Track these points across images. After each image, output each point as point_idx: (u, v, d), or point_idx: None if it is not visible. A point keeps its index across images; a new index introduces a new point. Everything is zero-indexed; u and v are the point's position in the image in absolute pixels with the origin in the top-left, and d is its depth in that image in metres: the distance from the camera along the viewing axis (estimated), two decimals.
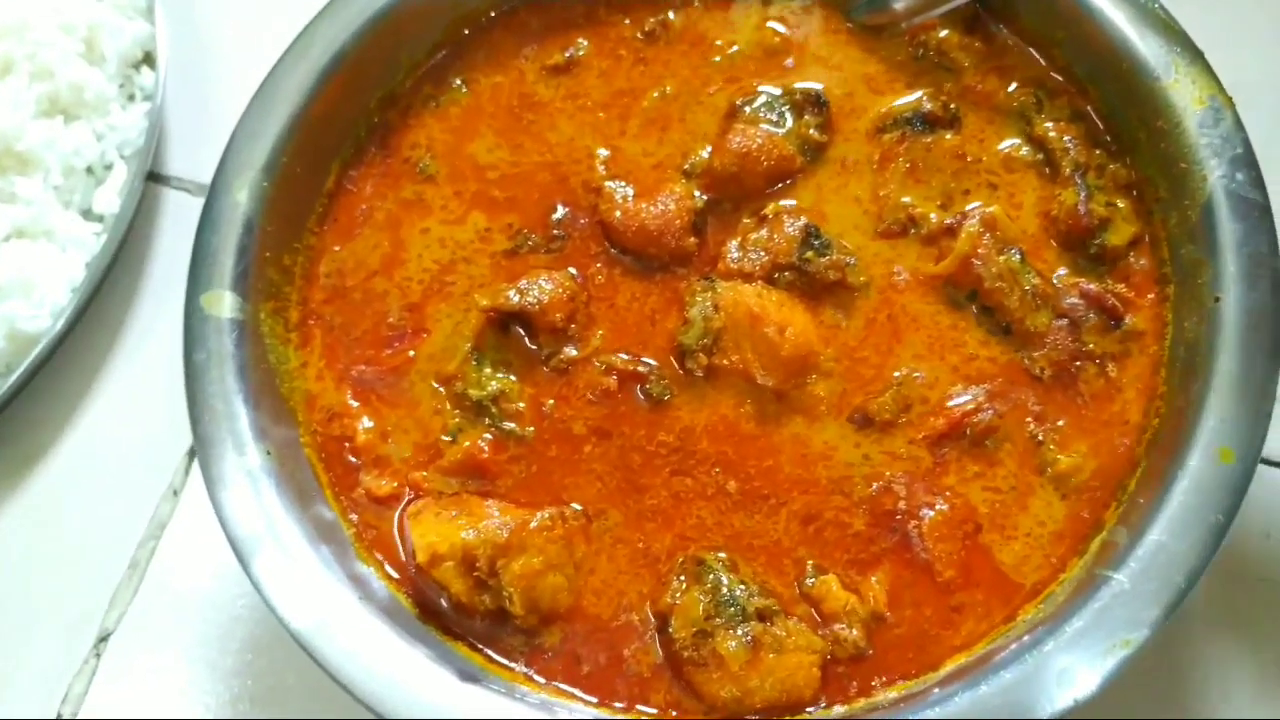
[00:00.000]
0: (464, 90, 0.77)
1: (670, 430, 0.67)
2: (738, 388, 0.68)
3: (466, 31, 0.78)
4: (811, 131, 0.72)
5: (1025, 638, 0.59)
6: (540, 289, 0.69)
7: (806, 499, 0.66)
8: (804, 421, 0.67)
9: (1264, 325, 0.61)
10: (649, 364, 0.69)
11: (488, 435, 0.68)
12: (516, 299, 0.69)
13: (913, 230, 0.70)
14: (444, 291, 0.72)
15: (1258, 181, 0.64)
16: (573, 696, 0.63)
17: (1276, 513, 0.73)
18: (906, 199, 0.70)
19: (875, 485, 0.65)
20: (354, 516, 0.68)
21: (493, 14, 0.78)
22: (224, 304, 0.68)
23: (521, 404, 0.69)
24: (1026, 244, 0.68)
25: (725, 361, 0.67)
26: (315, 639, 0.61)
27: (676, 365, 0.68)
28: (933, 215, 0.69)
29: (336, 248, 0.74)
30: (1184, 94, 0.66)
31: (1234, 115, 0.65)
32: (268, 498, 0.65)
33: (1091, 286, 0.67)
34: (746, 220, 0.71)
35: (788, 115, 0.73)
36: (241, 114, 0.72)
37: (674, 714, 0.62)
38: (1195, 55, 0.67)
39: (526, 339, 0.70)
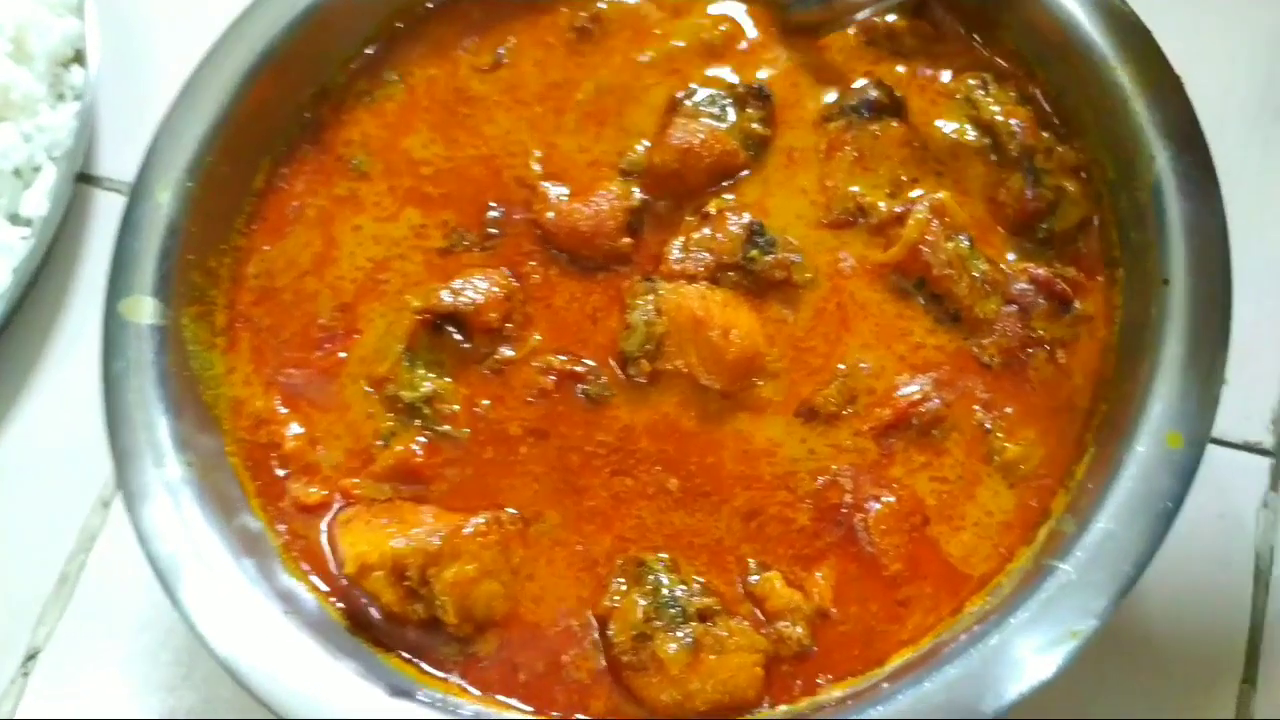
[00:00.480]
0: (399, 84, 0.75)
1: (609, 430, 0.65)
2: (681, 390, 0.66)
3: (401, 24, 0.76)
4: (755, 125, 0.70)
5: (973, 630, 0.58)
6: (475, 289, 0.67)
7: (749, 495, 0.64)
8: (748, 418, 0.65)
9: (1212, 307, 0.59)
10: (588, 364, 0.67)
11: (421, 439, 0.66)
12: (450, 299, 0.67)
13: (861, 220, 0.68)
14: (377, 290, 0.70)
15: (1206, 162, 0.62)
16: (509, 706, 0.61)
17: (1230, 494, 0.72)
18: (855, 188, 0.68)
19: (821, 479, 0.63)
20: (281, 527, 0.65)
21: (430, 5, 0.76)
22: (144, 310, 0.66)
23: (456, 406, 0.66)
24: (975, 230, 0.66)
25: (669, 366, 0.65)
26: (238, 658, 0.58)
27: (619, 370, 0.66)
28: (881, 204, 0.68)
29: (266, 247, 0.71)
30: (1131, 75, 0.64)
31: (1182, 93, 0.64)
32: (189, 511, 0.62)
33: (1040, 271, 0.65)
34: (689, 218, 0.69)
35: (730, 109, 0.71)
36: (165, 112, 0.70)
37: None
38: (1143, 35, 0.66)
39: (461, 340, 0.67)
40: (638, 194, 0.69)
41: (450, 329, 0.67)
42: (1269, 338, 0.76)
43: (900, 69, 0.72)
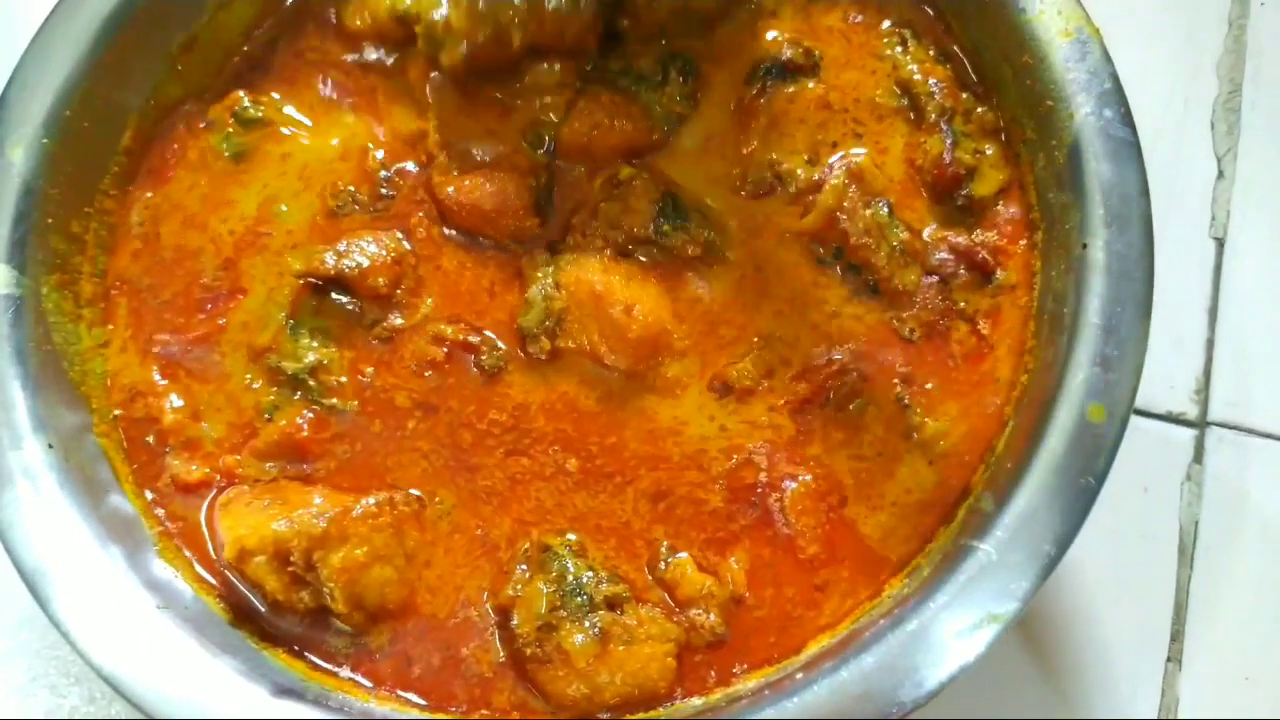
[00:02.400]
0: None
1: (503, 408, 0.61)
2: (582, 368, 0.62)
3: None
4: (676, 100, 0.66)
5: (892, 613, 0.55)
6: (361, 251, 0.62)
7: (656, 475, 0.60)
8: (654, 398, 0.61)
9: (1134, 272, 0.56)
10: (483, 335, 0.62)
11: (307, 413, 0.62)
12: (333, 262, 0.62)
13: (779, 189, 0.64)
14: (258, 244, 0.65)
15: (1127, 118, 0.59)
16: (405, 702, 0.57)
17: (1154, 467, 0.71)
18: (773, 155, 0.64)
19: (734, 458, 0.60)
20: (159, 511, 0.61)
21: None
22: None
23: (343, 377, 0.62)
24: (894, 195, 0.63)
25: (570, 344, 0.61)
26: (107, 657, 0.54)
27: (519, 350, 0.62)
28: (800, 171, 0.64)
29: (149, 194, 0.66)
30: (1050, 26, 0.61)
31: (1101, 48, 0.61)
32: (51, 497, 0.58)
33: (961, 240, 0.62)
34: (598, 185, 0.64)
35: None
36: (16, 64, 0.63)
37: (517, 716, 0.57)
38: None
39: (348, 304, 0.63)
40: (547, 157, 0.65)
41: (335, 295, 0.63)
42: (1194, 304, 0.74)
43: (830, 23, 0.67)
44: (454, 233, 0.65)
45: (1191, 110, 0.78)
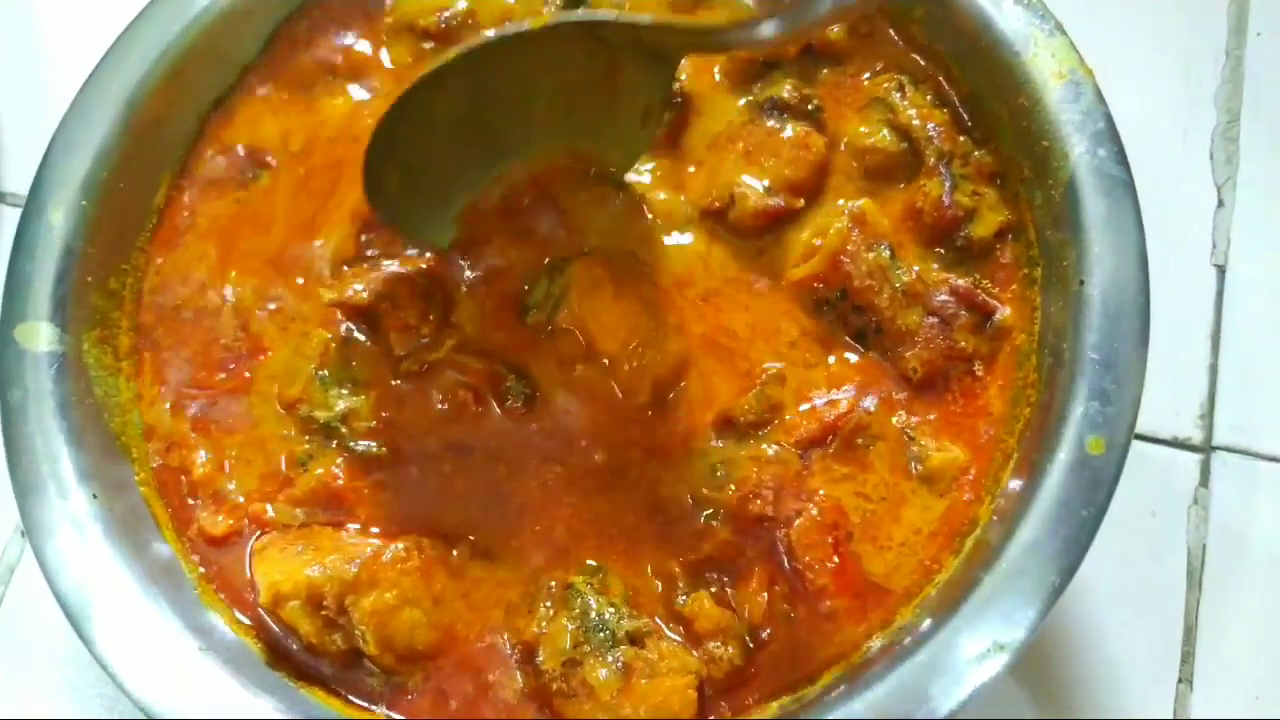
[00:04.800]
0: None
1: (534, 428, 0.64)
2: (603, 392, 0.64)
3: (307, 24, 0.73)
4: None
5: (903, 643, 0.57)
6: (391, 281, 0.64)
7: (668, 501, 0.62)
8: (666, 427, 0.64)
9: (1130, 308, 0.58)
10: (506, 368, 0.64)
11: (340, 460, 0.64)
12: (365, 292, 0.64)
13: (731, 210, 0.66)
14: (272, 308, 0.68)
15: (1120, 157, 0.61)
16: None
17: (1161, 492, 0.72)
18: (736, 179, 0.66)
19: (741, 491, 0.62)
20: (196, 557, 0.63)
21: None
22: (40, 337, 0.63)
23: (373, 422, 0.64)
24: (895, 238, 0.65)
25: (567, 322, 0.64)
26: (152, 697, 0.57)
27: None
28: (751, 198, 0.66)
29: (159, 260, 0.68)
30: (1044, 68, 0.63)
31: (1094, 88, 0.63)
32: (97, 545, 0.60)
33: (961, 282, 0.64)
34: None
35: None
36: (55, 130, 0.67)
37: None
38: (1055, 28, 0.65)
39: (374, 347, 0.65)
40: None
41: (360, 336, 0.65)
42: (1197, 331, 0.75)
43: (826, 71, 0.70)
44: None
45: (1191, 140, 0.79)
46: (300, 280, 0.68)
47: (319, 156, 0.70)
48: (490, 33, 0.59)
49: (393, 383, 0.65)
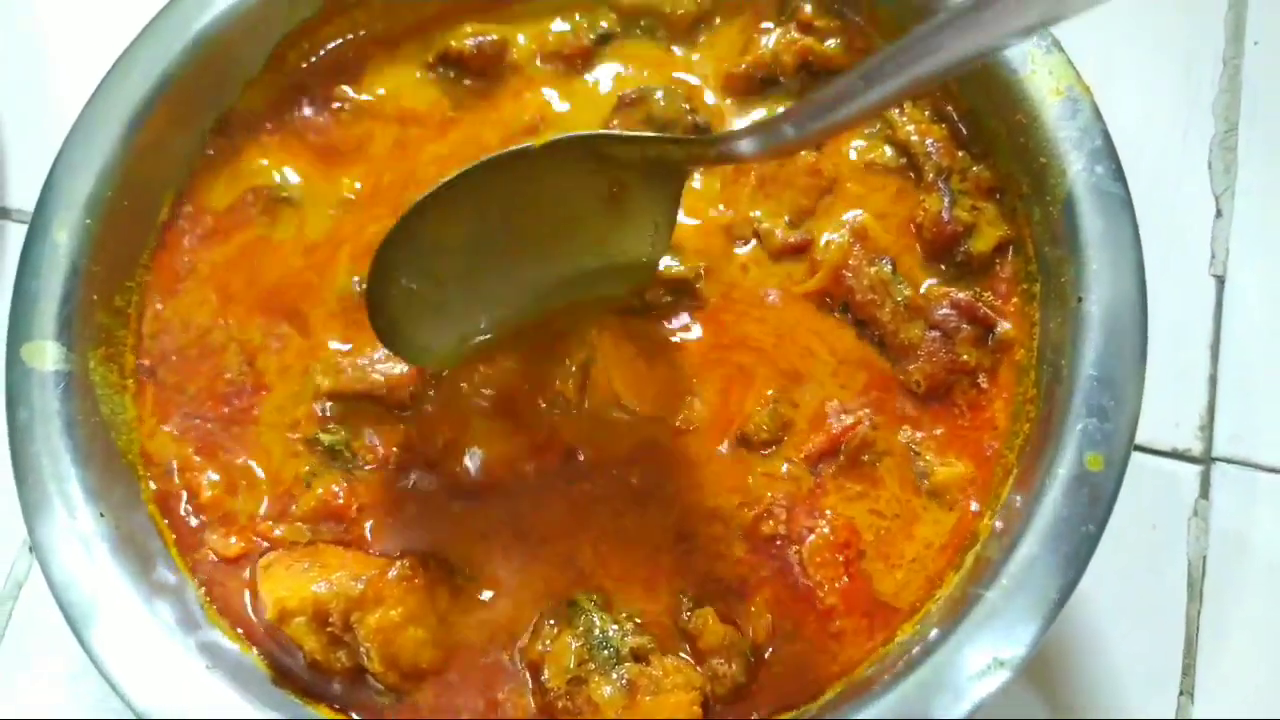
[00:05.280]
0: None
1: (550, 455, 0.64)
2: (610, 417, 0.65)
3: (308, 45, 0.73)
4: None
5: (906, 657, 0.57)
6: (384, 363, 0.65)
7: (681, 520, 0.63)
8: (677, 446, 0.64)
9: (1128, 324, 0.59)
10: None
11: (344, 481, 0.64)
12: (358, 381, 0.65)
13: (756, 244, 0.67)
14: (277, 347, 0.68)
15: (1118, 174, 0.62)
16: None
17: (1162, 502, 0.72)
18: (755, 213, 0.68)
19: (754, 510, 0.63)
20: (201, 575, 0.63)
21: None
22: (47, 356, 0.63)
23: (378, 443, 0.65)
24: (896, 253, 0.66)
25: (595, 395, 0.64)
26: (159, 716, 0.57)
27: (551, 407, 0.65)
28: (778, 232, 0.67)
29: (159, 305, 0.69)
30: (1041, 85, 0.64)
31: (1092, 105, 0.63)
32: (103, 563, 0.60)
33: (962, 296, 0.64)
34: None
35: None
36: (59, 149, 0.67)
37: None
38: (1052, 45, 0.65)
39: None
40: None
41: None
42: (1196, 342, 0.76)
43: None
44: None
45: (1189, 150, 0.80)
46: (304, 317, 0.68)
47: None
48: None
49: (400, 427, 0.65)
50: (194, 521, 0.64)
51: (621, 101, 0.70)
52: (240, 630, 0.62)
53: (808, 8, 0.71)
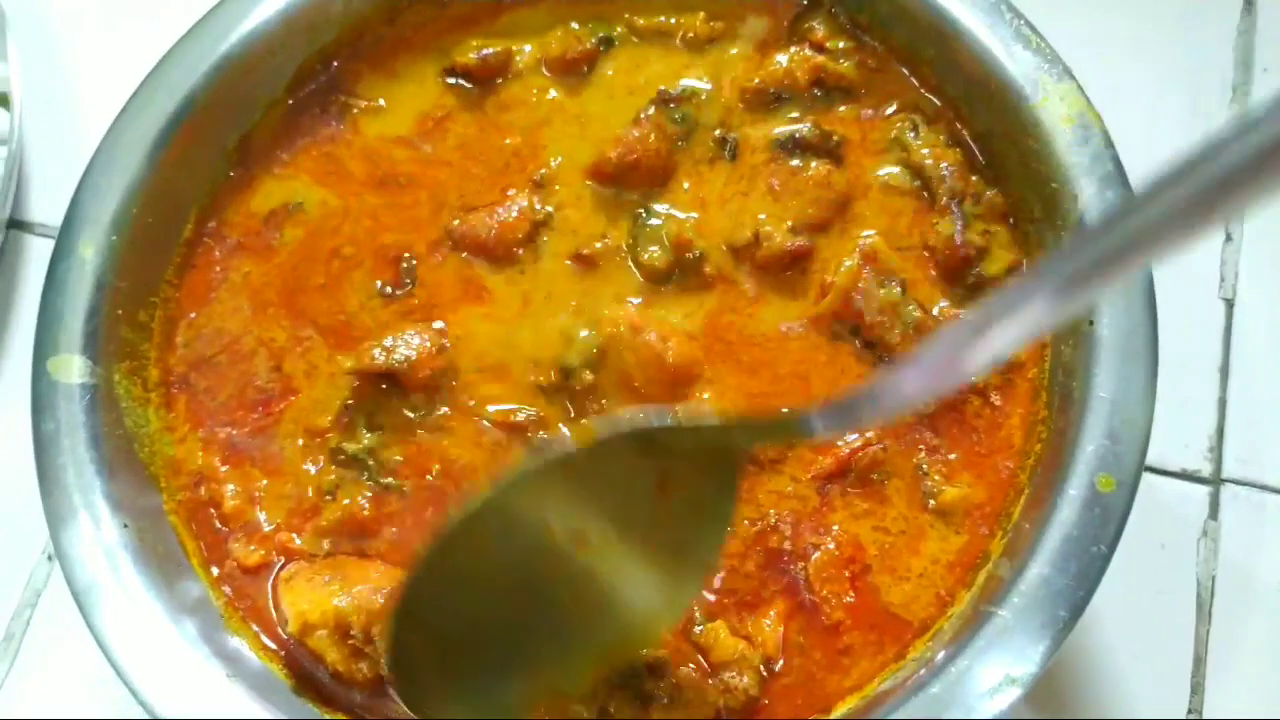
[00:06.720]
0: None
1: None
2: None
3: (337, 63, 0.75)
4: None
5: (917, 675, 0.58)
6: (407, 344, 0.66)
7: None
8: None
9: (1139, 347, 0.60)
10: (528, 411, 0.66)
11: (367, 492, 0.65)
12: (383, 358, 0.66)
13: (755, 248, 0.68)
14: (300, 349, 0.69)
15: (1128, 198, 0.62)
16: None
17: (1171, 523, 0.73)
18: (761, 215, 0.68)
19: (761, 525, 0.63)
20: (225, 588, 0.64)
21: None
22: (73, 369, 0.65)
23: (399, 456, 0.66)
24: (907, 275, 0.67)
25: (610, 377, 0.65)
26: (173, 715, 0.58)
27: (564, 412, 0.66)
28: (778, 236, 0.67)
29: (192, 314, 0.70)
30: (1052, 113, 0.65)
31: (1103, 132, 0.64)
32: (127, 574, 0.61)
33: None
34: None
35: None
36: (86, 167, 0.68)
37: None
38: (1063, 73, 0.66)
39: (398, 400, 0.67)
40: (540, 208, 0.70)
41: (385, 387, 0.67)
42: (1206, 364, 0.76)
43: (843, 108, 0.71)
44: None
45: None
46: (331, 320, 0.69)
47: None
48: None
49: (419, 432, 0.66)
50: (219, 531, 0.65)
51: (660, 97, 0.71)
52: (262, 639, 0.63)
53: (820, 30, 0.72)
